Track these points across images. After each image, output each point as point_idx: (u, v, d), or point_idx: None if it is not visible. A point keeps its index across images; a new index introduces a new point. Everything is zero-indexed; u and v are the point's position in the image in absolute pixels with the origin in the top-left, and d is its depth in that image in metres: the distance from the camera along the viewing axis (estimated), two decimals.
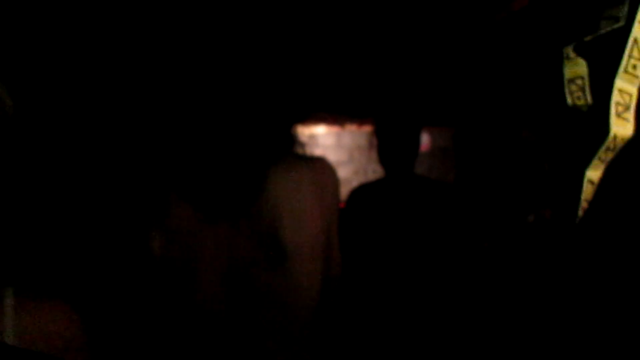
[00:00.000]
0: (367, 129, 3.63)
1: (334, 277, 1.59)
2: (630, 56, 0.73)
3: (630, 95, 0.74)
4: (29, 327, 0.81)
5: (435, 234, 2.45)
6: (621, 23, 0.77)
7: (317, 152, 1.79)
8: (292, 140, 1.55)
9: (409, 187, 2.51)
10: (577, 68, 0.81)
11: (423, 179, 2.69)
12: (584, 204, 0.87)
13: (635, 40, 0.73)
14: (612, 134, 0.76)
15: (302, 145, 1.57)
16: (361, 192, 2.54)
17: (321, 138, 4.03)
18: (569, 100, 0.81)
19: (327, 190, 1.51)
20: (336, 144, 4.08)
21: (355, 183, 2.74)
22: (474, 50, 2.26)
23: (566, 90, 0.82)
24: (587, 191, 0.85)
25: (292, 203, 1.44)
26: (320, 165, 1.51)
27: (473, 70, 2.42)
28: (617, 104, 0.74)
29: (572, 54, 0.80)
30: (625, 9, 0.77)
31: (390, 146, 2.51)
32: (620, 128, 0.76)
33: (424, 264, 2.41)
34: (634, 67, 0.73)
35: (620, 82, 0.74)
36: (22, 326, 0.81)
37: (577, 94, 0.79)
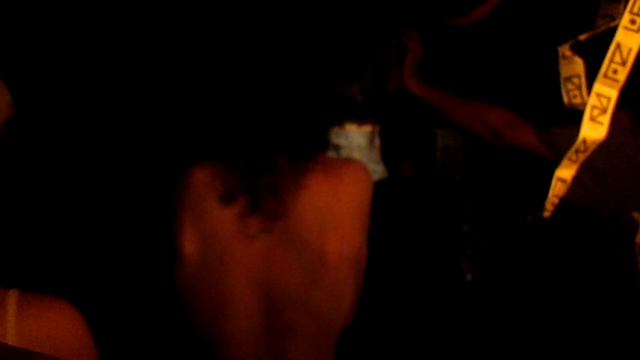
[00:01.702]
0: (367, 129, 3.63)
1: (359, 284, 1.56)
2: (611, 61, 0.72)
3: (609, 99, 0.74)
4: (33, 330, 0.80)
5: (437, 233, 2.45)
6: (617, 21, 0.77)
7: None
8: (327, 144, 1.53)
9: (411, 187, 2.51)
10: (573, 66, 0.81)
11: (424, 179, 2.69)
12: (554, 200, 0.88)
13: (618, 45, 0.72)
14: (581, 136, 0.77)
15: (337, 147, 1.56)
16: None
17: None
18: (565, 99, 0.81)
19: (364, 196, 1.47)
20: (335, 144, 4.07)
21: None
22: (472, 49, 2.26)
23: (562, 89, 0.82)
24: (558, 188, 0.86)
25: (334, 211, 1.41)
26: (357, 170, 1.48)
27: (470, 68, 2.42)
28: (594, 107, 0.74)
29: (568, 53, 0.80)
30: (622, 7, 0.77)
31: (393, 146, 2.51)
32: (592, 131, 0.76)
33: (426, 263, 2.41)
34: (615, 71, 0.73)
35: (599, 86, 0.74)
36: (26, 329, 0.80)
37: (574, 93, 0.79)
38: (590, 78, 0.82)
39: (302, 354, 1.44)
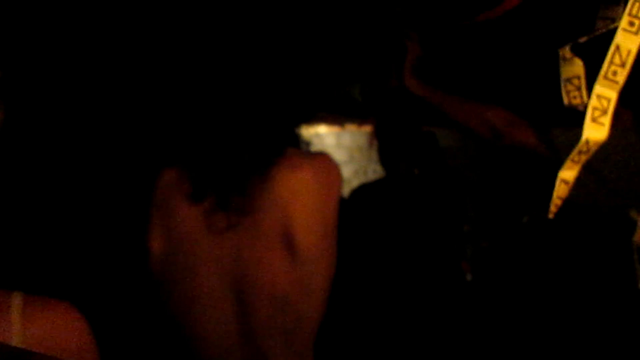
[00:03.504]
0: (367, 129, 3.63)
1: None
2: (611, 62, 0.73)
3: (609, 101, 0.75)
4: (37, 333, 0.81)
5: (435, 233, 2.45)
6: (617, 23, 0.77)
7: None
8: (297, 139, 1.54)
9: (409, 187, 2.52)
10: (573, 68, 0.82)
11: (423, 179, 2.70)
12: (557, 202, 0.89)
13: (618, 47, 0.73)
14: (584, 138, 0.78)
15: (307, 144, 1.56)
16: (362, 192, 2.54)
17: (321, 138, 4.03)
18: (565, 100, 0.82)
19: (332, 188, 1.49)
20: (336, 144, 4.08)
21: (355, 183, 2.74)
22: (470, 49, 2.26)
23: (562, 90, 0.82)
24: (561, 190, 0.86)
25: (301, 202, 1.42)
26: (324, 163, 1.48)
27: (470, 68, 2.42)
28: (594, 108, 0.75)
29: (568, 54, 0.81)
30: (621, 9, 0.77)
31: (391, 146, 2.52)
32: (594, 132, 0.77)
33: (425, 263, 2.41)
34: (615, 73, 0.74)
35: (599, 88, 0.75)
36: (30, 332, 0.80)
37: (574, 94, 0.80)
38: (590, 79, 0.83)
39: (276, 347, 1.44)
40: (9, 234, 1.98)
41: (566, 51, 0.82)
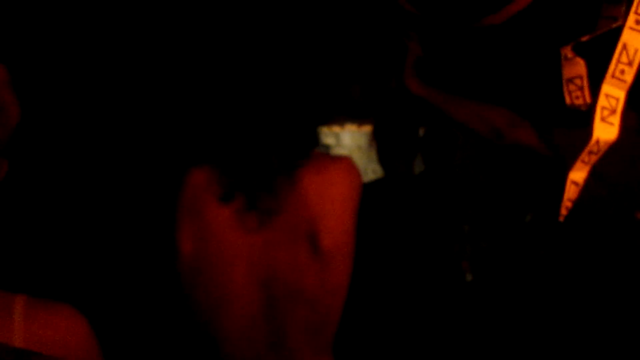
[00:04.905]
0: (367, 129, 3.63)
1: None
2: (618, 61, 0.73)
3: (617, 100, 0.74)
4: (39, 336, 0.80)
5: (435, 233, 2.45)
6: (619, 23, 0.77)
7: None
8: (318, 142, 1.59)
9: (409, 187, 2.51)
10: (575, 68, 0.81)
11: (422, 179, 2.70)
12: (567, 204, 0.88)
13: (625, 45, 0.72)
14: (594, 138, 0.77)
15: (326, 147, 1.62)
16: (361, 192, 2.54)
17: (321, 138, 4.04)
18: (567, 100, 0.81)
19: (354, 189, 1.53)
20: (336, 144, 4.08)
21: None
22: (471, 49, 2.26)
23: (564, 90, 0.82)
24: (571, 191, 0.85)
25: (326, 203, 1.47)
26: (347, 166, 1.54)
27: (471, 68, 2.42)
28: (603, 108, 0.74)
29: (570, 54, 0.80)
30: (624, 8, 0.77)
31: (391, 146, 2.52)
32: (604, 132, 0.76)
33: (425, 262, 2.41)
34: (622, 72, 0.73)
35: (607, 87, 0.74)
36: (32, 335, 0.80)
37: (576, 93, 0.79)
38: (592, 79, 0.82)
39: (302, 344, 1.49)
40: (18, 235, 1.98)
41: (568, 51, 0.81)
